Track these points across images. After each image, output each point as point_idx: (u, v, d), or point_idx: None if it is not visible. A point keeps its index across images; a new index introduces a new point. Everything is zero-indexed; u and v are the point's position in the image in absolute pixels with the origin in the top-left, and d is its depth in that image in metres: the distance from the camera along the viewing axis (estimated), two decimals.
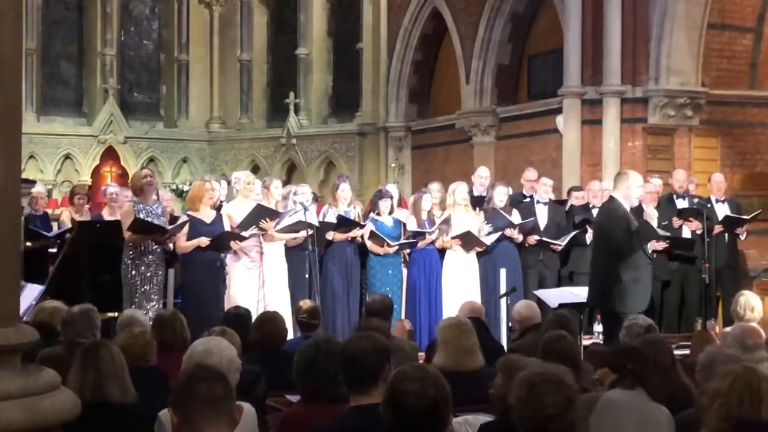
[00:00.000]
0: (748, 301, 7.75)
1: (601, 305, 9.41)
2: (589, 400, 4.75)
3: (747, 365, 4.20)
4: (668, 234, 11.35)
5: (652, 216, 10.04)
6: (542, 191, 11.87)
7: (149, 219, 9.89)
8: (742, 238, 11.91)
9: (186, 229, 10.09)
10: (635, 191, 9.27)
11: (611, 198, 9.40)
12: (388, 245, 10.97)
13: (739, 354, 5.54)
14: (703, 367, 5.16)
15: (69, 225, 11.71)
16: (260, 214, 10.41)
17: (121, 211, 10.40)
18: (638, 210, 9.59)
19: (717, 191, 12.08)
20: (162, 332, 6.41)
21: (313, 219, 10.78)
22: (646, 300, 9.16)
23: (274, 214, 10.57)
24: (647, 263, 9.30)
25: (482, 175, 12.54)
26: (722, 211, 11.84)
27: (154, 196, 10.40)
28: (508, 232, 11.26)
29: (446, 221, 11.17)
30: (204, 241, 9.96)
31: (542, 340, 5.79)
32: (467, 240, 11.11)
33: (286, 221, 10.68)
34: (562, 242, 11.47)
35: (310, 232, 10.58)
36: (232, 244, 10.17)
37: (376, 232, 11.03)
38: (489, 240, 11.18)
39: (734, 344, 5.95)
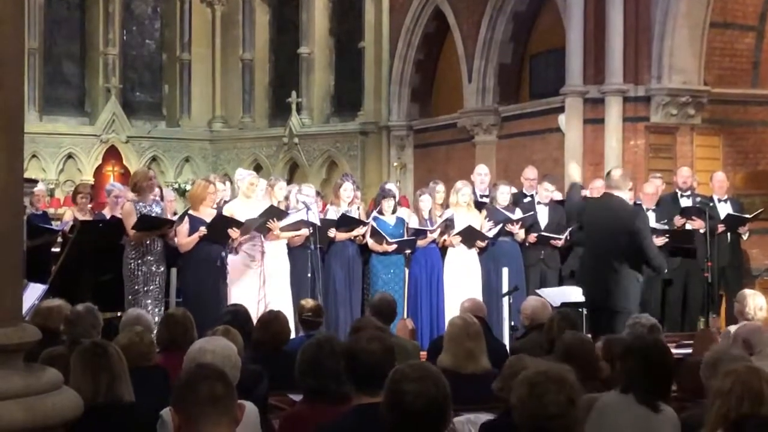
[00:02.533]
0: (757, 300, 7.72)
1: (606, 302, 9.34)
2: (587, 402, 4.70)
3: (750, 365, 4.17)
4: (667, 228, 11.35)
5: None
6: (543, 195, 11.85)
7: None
8: (745, 237, 11.90)
9: (187, 227, 10.09)
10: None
11: (616, 196, 9.37)
12: (387, 243, 10.97)
13: (744, 353, 5.51)
14: (707, 365, 5.15)
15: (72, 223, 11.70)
16: (271, 214, 10.44)
17: (123, 211, 10.40)
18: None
19: (719, 190, 12.07)
20: (173, 331, 6.40)
21: (315, 218, 10.80)
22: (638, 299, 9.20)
23: (283, 215, 10.61)
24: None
25: (481, 172, 12.54)
26: (724, 210, 11.84)
27: (153, 195, 10.42)
28: (509, 227, 11.26)
29: (449, 220, 11.17)
30: (202, 230, 9.97)
31: (561, 342, 5.72)
32: (468, 235, 11.11)
33: (288, 219, 10.69)
34: (562, 237, 11.47)
35: (311, 230, 10.60)
36: (231, 232, 10.14)
37: (377, 229, 11.03)
38: (490, 233, 11.17)
39: (739, 342, 5.93)
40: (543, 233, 11.49)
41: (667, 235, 11.22)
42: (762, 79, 14.69)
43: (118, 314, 10.04)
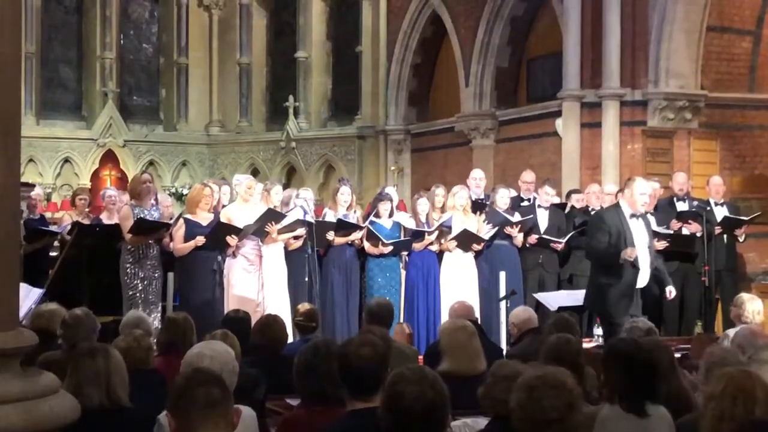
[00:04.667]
0: (755, 305, 7.71)
1: (587, 305, 9.44)
2: (589, 416, 4.67)
3: (742, 368, 4.17)
4: (669, 232, 11.35)
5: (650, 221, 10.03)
6: (544, 199, 11.84)
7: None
8: (741, 240, 11.89)
9: (183, 232, 10.07)
10: (639, 198, 9.17)
11: (617, 203, 9.39)
12: (383, 244, 10.96)
13: (743, 356, 5.51)
14: (705, 369, 5.14)
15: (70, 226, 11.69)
16: (270, 217, 10.43)
17: (120, 215, 10.40)
18: (645, 219, 9.47)
19: (715, 194, 12.04)
20: (173, 334, 6.41)
21: (311, 219, 10.82)
22: (626, 306, 9.02)
23: (281, 218, 10.60)
24: (631, 271, 9.19)
25: (476, 176, 12.52)
26: (721, 214, 11.83)
27: (152, 201, 10.42)
28: (508, 230, 11.24)
29: (444, 225, 11.14)
30: (200, 239, 9.95)
31: (547, 342, 5.73)
32: (464, 239, 11.09)
33: (284, 221, 10.68)
34: (562, 241, 11.46)
35: (307, 228, 10.60)
36: (229, 239, 10.12)
37: (373, 231, 11.01)
38: (487, 235, 11.15)
39: (743, 346, 5.92)
40: (543, 236, 11.48)
41: (669, 240, 11.21)
42: (759, 83, 14.72)
43: (116, 318, 10.06)
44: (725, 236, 11.76)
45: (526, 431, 3.57)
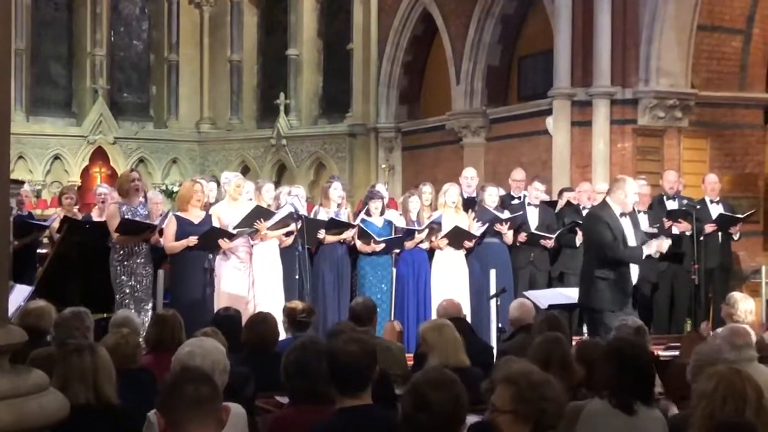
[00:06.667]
0: (747, 304, 7.71)
1: (579, 300, 9.45)
2: (575, 409, 4.68)
3: (732, 367, 4.18)
4: (655, 231, 11.35)
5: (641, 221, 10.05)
6: (533, 195, 11.85)
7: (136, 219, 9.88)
8: (736, 238, 11.92)
9: (174, 229, 10.03)
10: (631, 198, 9.13)
11: (604, 202, 9.35)
12: (375, 242, 10.94)
13: (730, 355, 5.51)
14: (693, 367, 5.15)
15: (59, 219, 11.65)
16: (258, 214, 10.41)
17: (107, 213, 10.34)
18: (633, 217, 9.46)
19: (711, 192, 12.06)
20: (161, 331, 6.40)
21: (302, 212, 10.82)
22: (621, 302, 8.98)
23: (269, 215, 10.58)
24: (626, 266, 9.17)
25: (468, 175, 12.51)
26: (716, 211, 11.85)
27: (140, 198, 10.37)
28: (498, 227, 11.24)
29: (435, 222, 11.14)
30: (192, 240, 9.90)
31: (535, 341, 5.72)
32: (456, 236, 11.08)
33: (275, 217, 10.66)
34: (553, 236, 11.46)
35: (299, 225, 10.58)
36: (221, 242, 10.10)
37: (365, 229, 11.00)
38: (477, 232, 11.15)
39: (724, 344, 5.92)
40: (534, 232, 11.49)
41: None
42: (749, 82, 14.75)
43: (107, 316, 10.03)
44: (720, 234, 11.78)
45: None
